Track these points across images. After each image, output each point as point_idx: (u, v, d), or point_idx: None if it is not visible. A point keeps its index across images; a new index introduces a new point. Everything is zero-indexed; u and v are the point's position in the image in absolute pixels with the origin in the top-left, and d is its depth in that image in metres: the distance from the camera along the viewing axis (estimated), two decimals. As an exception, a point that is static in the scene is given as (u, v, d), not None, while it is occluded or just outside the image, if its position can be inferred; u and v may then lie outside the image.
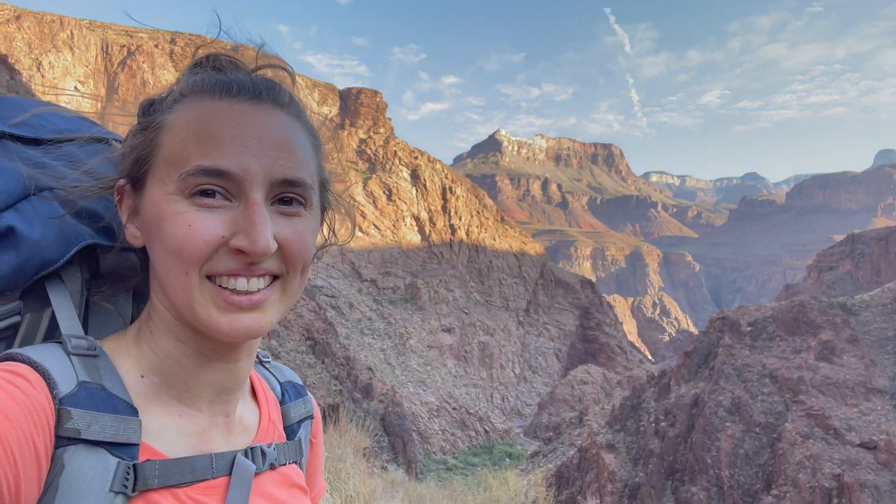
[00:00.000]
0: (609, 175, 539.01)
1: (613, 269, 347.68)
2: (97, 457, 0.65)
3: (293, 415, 0.98)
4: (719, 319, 45.57)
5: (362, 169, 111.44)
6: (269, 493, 0.83)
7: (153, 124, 0.75)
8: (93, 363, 0.71)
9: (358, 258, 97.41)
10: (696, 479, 35.97)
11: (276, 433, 0.92)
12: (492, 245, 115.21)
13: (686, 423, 39.30)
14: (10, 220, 0.75)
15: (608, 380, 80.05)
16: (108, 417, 0.67)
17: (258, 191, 0.71)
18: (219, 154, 0.69)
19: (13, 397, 0.60)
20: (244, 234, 0.69)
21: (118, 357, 0.76)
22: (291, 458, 0.92)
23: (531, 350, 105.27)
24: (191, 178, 0.69)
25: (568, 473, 43.52)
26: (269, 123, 0.73)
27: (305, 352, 42.48)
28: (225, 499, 0.75)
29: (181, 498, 0.71)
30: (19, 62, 68.89)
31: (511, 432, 77.18)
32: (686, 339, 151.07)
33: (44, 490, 0.62)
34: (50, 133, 0.90)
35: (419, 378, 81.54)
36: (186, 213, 0.69)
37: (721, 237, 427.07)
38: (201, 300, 0.70)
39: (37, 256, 0.75)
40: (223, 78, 0.76)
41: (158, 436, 0.73)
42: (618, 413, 46.15)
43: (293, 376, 1.08)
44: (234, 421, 0.85)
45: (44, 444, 0.61)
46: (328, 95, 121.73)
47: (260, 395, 0.94)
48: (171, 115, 0.74)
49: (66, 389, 0.66)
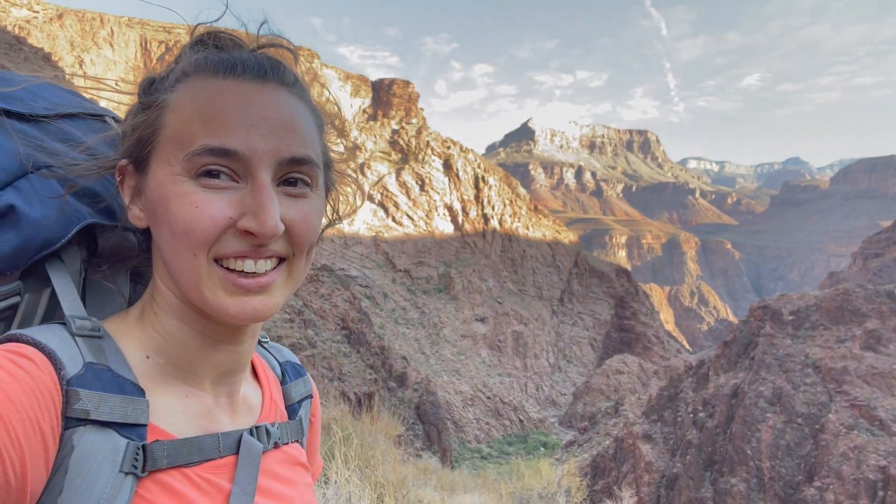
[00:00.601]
0: (645, 162, 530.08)
1: (649, 258, 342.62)
2: (106, 437, 0.65)
3: (294, 394, 0.99)
4: (760, 308, 44.53)
5: (395, 159, 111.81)
6: (275, 471, 0.84)
7: (156, 103, 0.74)
8: (97, 344, 0.71)
9: (391, 248, 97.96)
10: (736, 471, 35.37)
11: (278, 413, 0.92)
12: (525, 234, 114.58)
13: (725, 413, 38.62)
14: (10, 199, 0.74)
15: (644, 370, 79.11)
16: (116, 398, 0.67)
17: (265, 171, 0.70)
18: (225, 133, 0.69)
19: (18, 379, 0.60)
20: (252, 215, 0.69)
21: (122, 338, 0.76)
22: (293, 437, 0.93)
23: (565, 339, 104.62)
24: (197, 158, 0.69)
25: (604, 463, 43.25)
26: (275, 103, 0.72)
27: (341, 341, 43.00)
28: (233, 477, 0.76)
29: (191, 477, 0.72)
30: (62, 60, 70.86)
31: (546, 422, 77.00)
32: (725, 328, 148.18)
33: (53, 471, 0.62)
34: (43, 109, 0.88)
35: (453, 367, 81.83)
36: (193, 193, 0.69)
37: (762, 224, 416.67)
38: (209, 283, 0.70)
39: (38, 236, 0.75)
40: (227, 57, 0.75)
41: (165, 416, 0.73)
42: (655, 403, 45.63)
43: (291, 356, 1.08)
44: (238, 401, 0.85)
45: (50, 426, 0.61)
46: (361, 87, 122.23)
47: (261, 375, 0.95)
48: (174, 94, 0.73)
49: (73, 371, 0.66)
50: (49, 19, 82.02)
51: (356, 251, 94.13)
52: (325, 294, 49.07)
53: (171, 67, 0.77)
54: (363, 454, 4.98)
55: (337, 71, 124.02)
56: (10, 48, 29.67)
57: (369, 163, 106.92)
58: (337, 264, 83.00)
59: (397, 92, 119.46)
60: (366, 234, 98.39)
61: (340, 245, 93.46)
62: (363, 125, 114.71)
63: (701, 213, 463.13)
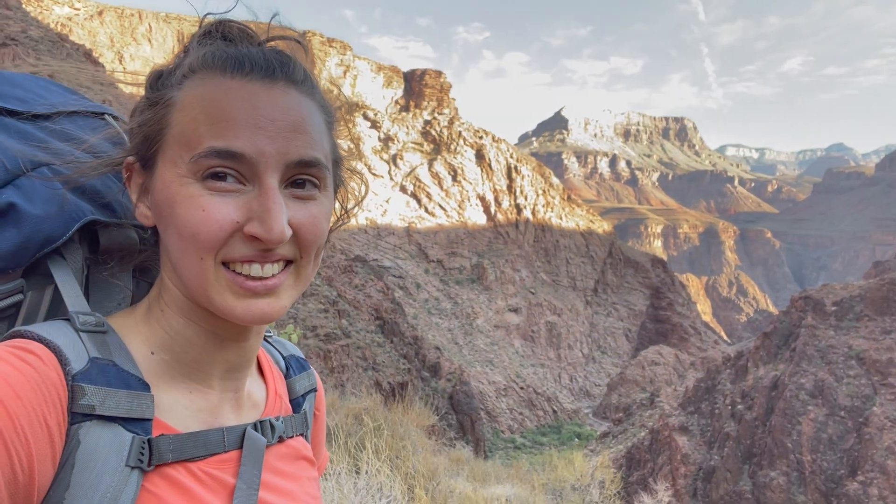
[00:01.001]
0: (681, 150, 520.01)
1: (686, 248, 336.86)
2: (112, 432, 0.65)
3: (298, 388, 0.99)
4: (802, 299, 43.42)
5: (427, 150, 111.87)
6: (278, 465, 0.85)
7: (162, 100, 0.73)
8: (102, 339, 0.71)
9: (424, 239, 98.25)
10: (776, 464, 34.71)
11: (282, 406, 0.92)
12: (558, 224, 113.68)
13: (765, 406, 37.88)
14: (11, 197, 0.74)
15: (681, 361, 77.98)
16: (121, 393, 0.67)
17: (272, 175, 0.70)
18: (231, 135, 0.68)
19: (24, 374, 0.61)
20: (258, 220, 0.69)
21: (127, 334, 0.76)
22: (298, 431, 0.93)
23: (600, 330, 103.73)
24: (203, 161, 0.68)
25: (639, 455, 42.89)
26: (284, 104, 0.71)
27: (374, 331, 43.42)
28: (237, 472, 0.76)
29: (195, 472, 0.72)
30: (102, 56, 72.67)
31: (580, 412, 76.63)
32: (765, 319, 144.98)
33: (59, 466, 0.62)
34: (42, 107, 0.88)
35: (486, 357, 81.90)
36: (200, 197, 0.68)
37: (804, 212, 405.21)
38: (216, 286, 0.70)
39: (39, 233, 0.75)
40: (235, 53, 0.73)
41: (170, 411, 0.73)
42: (691, 395, 45.01)
43: (296, 350, 1.08)
44: (244, 396, 0.85)
45: (56, 421, 0.62)
46: (393, 78, 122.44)
47: (266, 369, 0.95)
48: (181, 91, 0.72)
49: (78, 366, 0.66)
50: (89, 16, 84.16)
51: (389, 242, 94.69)
52: (359, 285, 49.53)
53: (178, 61, 0.76)
54: (394, 444, 5.00)
55: (369, 62, 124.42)
56: (53, 45, 30.51)
57: (402, 153, 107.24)
58: (370, 255, 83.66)
59: (429, 82, 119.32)
60: (399, 224, 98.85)
61: (373, 236, 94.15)
62: (395, 116, 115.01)
63: (740, 201, 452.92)
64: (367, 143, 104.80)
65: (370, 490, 3.80)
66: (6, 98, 0.86)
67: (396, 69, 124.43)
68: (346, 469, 4.10)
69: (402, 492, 3.97)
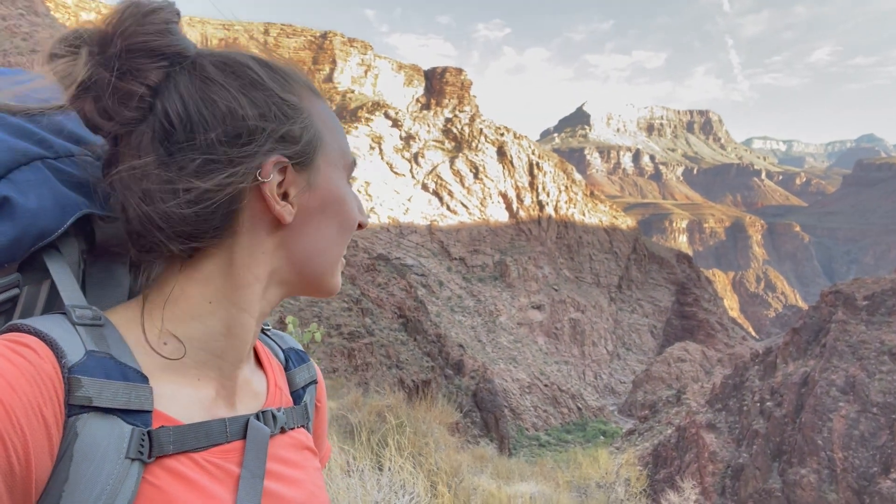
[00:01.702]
0: (706, 143, 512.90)
1: (712, 243, 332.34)
2: (111, 424, 0.65)
3: (298, 380, 1.00)
4: (832, 293, 42.64)
5: (448, 148, 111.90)
6: (282, 455, 0.86)
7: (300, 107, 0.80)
8: (99, 332, 0.72)
9: (446, 237, 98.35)
10: (806, 461, 34.13)
11: (283, 398, 0.93)
12: (581, 220, 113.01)
13: (794, 402, 37.29)
14: (5, 191, 0.74)
15: (707, 357, 77.05)
16: (118, 385, 0.67)
17: None
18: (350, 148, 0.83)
19: (19, 368, 0.61)
20: (361, 212, 0.86)
21: (128, 327, 0.76)
22: (299, 422, 0.94)
23: (624, 327, 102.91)
24: (350, 165, 0.85)
25: (665, 453, 42.52)
26: None
27: (398, 329, 43.60)
28: (241, 461, 0.77)
29: (199, 462, 0.72)
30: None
31: (605, 410, 76.14)
32: (794, 314, 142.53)
33: (57, 459, 0.62)
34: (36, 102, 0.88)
35: (510, 355, 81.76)
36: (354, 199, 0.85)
37: (833, 205, 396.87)
38: (336, 268, 0.84)
39: (35, 226, 0.75)
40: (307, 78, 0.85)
41: (171, 402, 0.74)
42: (719, 392, 44.49)
43: (294, 343, 1.09)
44: (244, 387, 0.87)
45: (53, 413, 0.62)
46: (413, 76, 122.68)
47: (265, 362, 0.96)
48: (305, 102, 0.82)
49: (74, 359, 0.66)
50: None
51: (411, 240, 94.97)
52: (382, 283, 49.77)
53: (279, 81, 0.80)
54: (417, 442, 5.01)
55: (390, 61, 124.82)
56: (81, 52, 31.19)
57: (423, 152, 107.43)
58: (393, 253, 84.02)
59: (450, 80, 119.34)
60: (421, 222, 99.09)
61: (396, 234, 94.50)
62: (416, 114, 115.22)
63: (767, 194, 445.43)
64: (388, 142, 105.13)
65: (393, 486, 3.82)
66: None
67: (417, 67, 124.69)
68: (370, 466, 4.12)
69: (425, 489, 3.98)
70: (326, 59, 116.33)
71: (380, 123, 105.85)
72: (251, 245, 0.78)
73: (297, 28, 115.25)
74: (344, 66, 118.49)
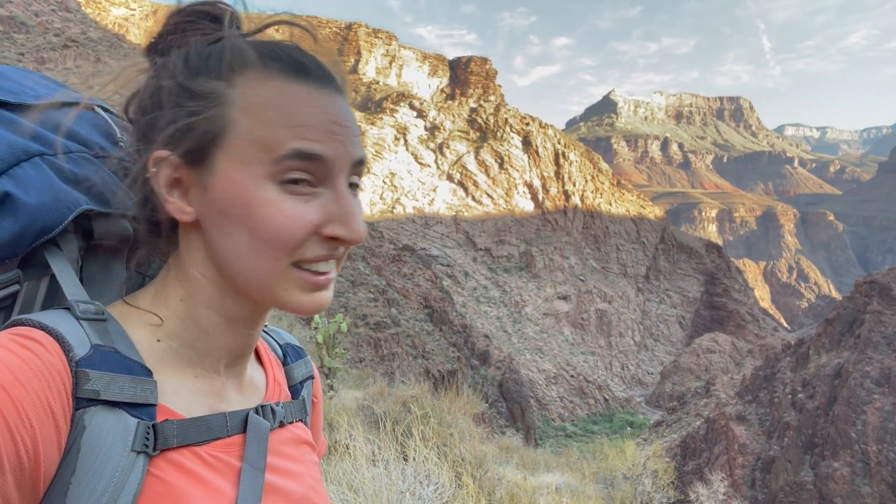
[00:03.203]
0: (737, 131, 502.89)
1: (742, 232, 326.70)
2: (117, 417, 0.66)
3: (296, 375, 1.01)
4: (867, 283, 41.62)
5: (473, 138, 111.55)
6: (281, 449, 0.86)
7: (211, 94, 0.73)
8: (103, 327, 0.73)
9: (472, 227, 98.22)
10: (839, 454, 33.51)
11: (282, 393, 0.94)
12: (608, 210, 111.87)
13: (827, 394, 36.59)
14: (6, 186, 0.75)
15: (737, 348, 75.93)
16: (125, 378, 0.68)
17: (343, 177, 0.74)
18: (313, 139, 0.71)
19: (26, 361, 0.61)
20: (341, 222, 0.72)
21: (129, 322, 0.77)
22: (297, 417, 0.95)
23: (652, 318, 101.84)
24: (286, 162, 0.70)
25: (694, 445, 42.11)
26: (345, 109, 0.75)
27: (423, 319, 43.78)
28: (242, 455, 0.78)
29: (201, 455, 0.73)
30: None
31: (632, 401, 75.59)
32: (827, 305, 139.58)
33: (65, 452, 0.63)
34: (32, 98, 0.89)
35: (535, 345, 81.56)
36: (280, 201, 0.70)
37: (869, 193, 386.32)
38: (285, 284, 0.73)
39: (36, 222, 0.76)
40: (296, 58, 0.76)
41: (174, 396, 0.75)
42: (749, 383, 43.86)
43: (291, 339, 1.10)
44: (245, 382, 0.87)
45: (61, 406, 0.62)
46: (438, 66, 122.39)
47: (264, 357, 0.97)
48: (235, 89, 0.73)
49: (81, 352, 0.67)
50: (145, 16, 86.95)
51: (437, 231, 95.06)
52: (408, 274, 49.96)
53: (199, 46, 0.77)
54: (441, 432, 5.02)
55: (414, 52, 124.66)
56: (111, 46, 31.67)
57: (448, 142, 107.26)
58: (418, 244, 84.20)
59: (474, 70, 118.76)
60: (446, 213, 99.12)
61: (421, 225, 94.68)
62: (441, 105, 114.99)
63: (800, 182, 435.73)
64: (413, 133, 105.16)
65: (418, 476, 3.83)
66: None
67: (442, 58, 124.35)
68: (395, 456, 4.14)
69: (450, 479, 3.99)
70: (351, 50, 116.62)
71: (404, 114, 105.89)
72: (185, 241, 0.79)
73: (322, 20, 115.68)
74: (369, 58, 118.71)
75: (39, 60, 27.55)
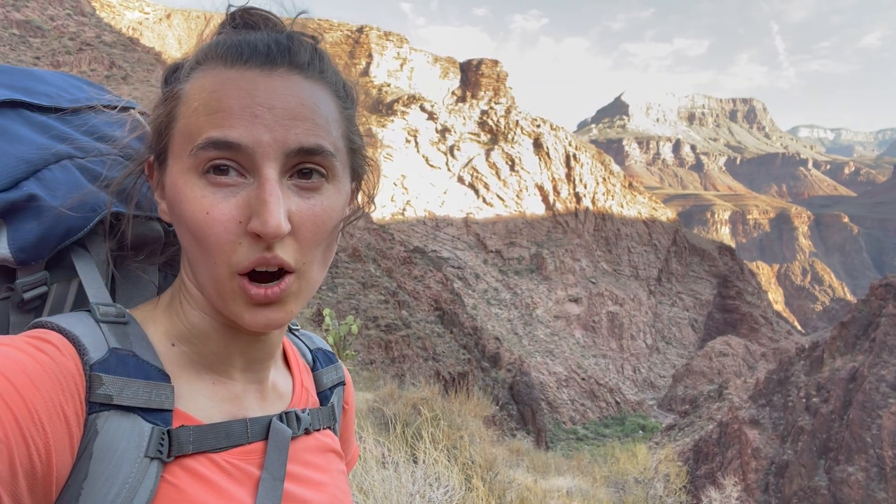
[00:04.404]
0: (750, 132, 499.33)
1: (756, 234, 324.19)
2: (131, 422, 0.65)
3: (325, 381, 0.98)
4: (883, 286, 41.16)
5: (484, 140, 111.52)
6: (305, 457, 0.83)
7: (172, 94, 0.72)
8: (122, 330, 0.71)
9: (482, 229, 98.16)
10: (854, 459, 33.14)
11: (309, 399, 0.91)
12: (619, 213, 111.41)
13: (842, 398, 36.20)
14: (32, 188, 0.75)
15: (751, 352, 75.32)
16: (139, 383, 0.67)
17: (270, 165, 0.67)
18: (228, 125, 0.66)
19: (41, 364, 0.60)
20: (255, 214, 0.66)
21: (149, 325, 0.76)
22: (325, 424, 0.91)
23: (664, 320, 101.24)
24: (202, 153, 0.66)
25: (706, 448, 41.79)
26: (283, 91, 0.69)
27: (434, 321, 43.75)
28: (262, 463, 0.76)
29: (219, 463, 0.71)
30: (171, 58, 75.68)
31: (644, 404, 75.16)
32: (842, 308, 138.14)
33: (78, 456, 0.62)
34: (68, 102, 0.89)
35: (546, 348, 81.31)
36: (202, 198, 0.67)
37: (884, 195, 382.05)
38: (229, 291, 0.69)
39: (60, 225, 0.75)
40: (235, 41, 0.71)
41: (192, 402, 0.73)
42: (762, 387, 43.48)
43: (322, 343, 1.07)
44: (268, 388, 0.84)
45: (74, 410, 0.61)
46: (449, 68, 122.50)
47: (292, 362, 0.94)
48: (188, 83, 0.71)
49: (96, 356, 0.66)
50: (158, 19, 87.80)
51: (448, 233, 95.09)
52: (418, 276, 49.98)
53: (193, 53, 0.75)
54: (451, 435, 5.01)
55: (425, 54, 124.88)
56: (126, 49, 31.99)
57: (458, 144, 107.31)
58: (429, 246, 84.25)
59: (485, 72, 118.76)
60: (457, 215, 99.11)
61: (432, 227, 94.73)
62: (452, 107, 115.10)
63: (814, 184, 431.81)
64: (424, 135, 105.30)
65: (428, 479, 3.83)
66: (34, 94, 0.87)
67: (452, 60, 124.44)
68: (404, 458, 4.14)
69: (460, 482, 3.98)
70: (363, 52, 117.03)
71: (415, 116, 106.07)
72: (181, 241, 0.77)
73: (334, 23, 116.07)
74: (380, 60, 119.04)
75: (55, 64, 27.87)
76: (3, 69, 0.94)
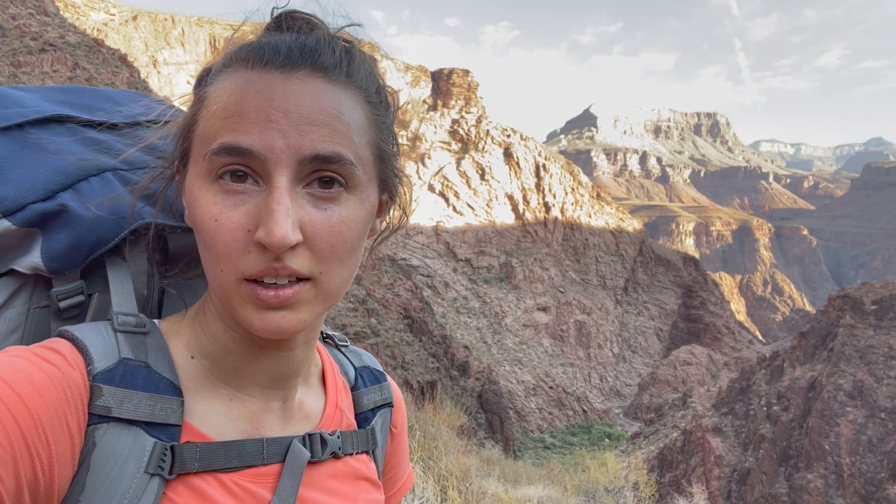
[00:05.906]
0: (714, 146, 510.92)
1: (719, 246, 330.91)
2: (132, 436, 0.63)
3: (366, 401, 0.92)
4: (840, 298, 42.37)
5: (455, 149, 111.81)
6: (328, 484, 0.79)
7: (198, 97, 0.70)
8: (140, 340, 0.69)
9: (452, 238, 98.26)
10: (813, 466, 33.92)
11: (343, 421, 0.86)
12: (587, 223, 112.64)
13: (801, 407, 37.08)
14: (65, 200, 0.74)
15: (714, 361, 76.70)
16: (143, 395, 0.65)
17: (283, 172, 0.63)
18: (242, 130, 0.63)
19: (47, 374, 0.59)
20: (262, 224, 0.62)
21: (171, 337, 0.74)
22: (361, 448, 0.86)
23: (630, 329, 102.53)
24: (215, 158, 0.64)
25: (671, 456, 42.36)
26: (301, 94, 0.65)
27: (403, 330, 43.54)
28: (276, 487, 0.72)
29: (226, 484, 0.68)
30: (137, 60, 74.23)
31: (610, 412, 75.85)
32: (801, 318, 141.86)
33: (77, 467, 0.60)
34: (122, 118, 0.89)
35: (515, 357, 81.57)
36: (213, 204, 0.64)
37: (842, 209, 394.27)
38: (237, 297, 0.66)
39: (91, 234, 0.75)
40: (257, 43, 0.68)
41: (204, 418, 0.70)
42: (725, 395, 44.29)
43: (372, 361, 1.02)
44: (293, 407, 0.80)
45: (77, 421, 0.60)
46: (420, 77, 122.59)
47: (329, 380, 0.88)
48: (212, 86, 0.68)
49: (101, 366, 0.64)
50: (124, 21, 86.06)
51: (417, 241, 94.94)
52: (388, 283, 49.75)
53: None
54: (426, 445, 4.98)
55: (396, 62, 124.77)
56: (90, 50, 31.23)
57: (429, 153, 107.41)
58: (398, 254, 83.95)
59: (457, 81, 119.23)
60: (427, 223, 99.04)
61: (402, 235, 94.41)
62: (423, 115, 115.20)
63: (775, 198, 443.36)
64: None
65: (403, 491, 3.79)
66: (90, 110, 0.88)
67: (424, 69, 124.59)
68: (379, 469, 4.09)
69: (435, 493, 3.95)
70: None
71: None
72: None
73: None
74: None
75: (16, 64, 27.08)
76: (73, 89, 0.94)
